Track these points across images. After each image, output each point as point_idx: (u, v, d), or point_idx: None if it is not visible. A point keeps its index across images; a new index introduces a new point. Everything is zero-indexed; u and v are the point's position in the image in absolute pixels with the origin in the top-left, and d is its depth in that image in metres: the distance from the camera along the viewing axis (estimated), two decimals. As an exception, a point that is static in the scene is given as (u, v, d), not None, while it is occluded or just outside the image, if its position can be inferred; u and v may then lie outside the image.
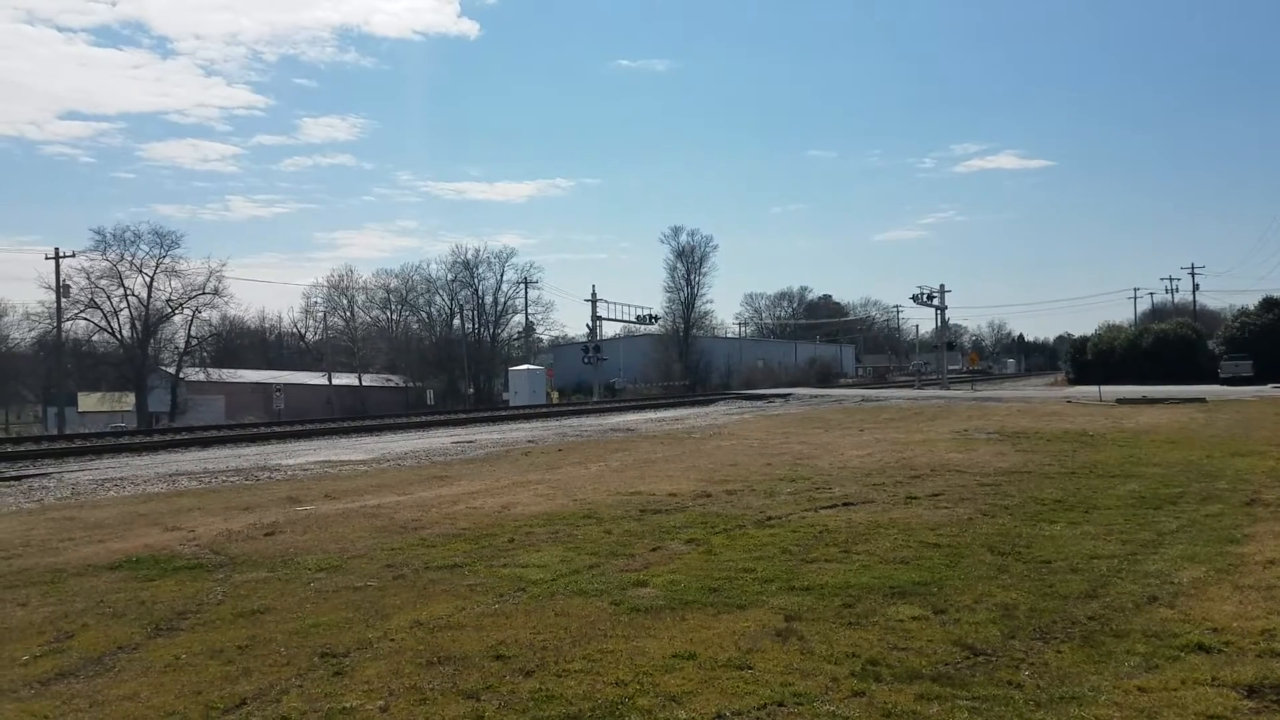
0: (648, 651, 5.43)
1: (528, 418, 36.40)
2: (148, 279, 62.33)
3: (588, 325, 69.40)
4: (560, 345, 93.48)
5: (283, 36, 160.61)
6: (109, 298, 61.67)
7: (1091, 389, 43.32)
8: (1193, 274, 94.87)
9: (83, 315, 61.13)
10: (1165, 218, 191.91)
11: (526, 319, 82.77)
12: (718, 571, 7.44)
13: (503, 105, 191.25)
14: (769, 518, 10.05)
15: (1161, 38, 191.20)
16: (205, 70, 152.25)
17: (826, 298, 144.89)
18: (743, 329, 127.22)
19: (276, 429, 31.96)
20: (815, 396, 48.80)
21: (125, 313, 62.52)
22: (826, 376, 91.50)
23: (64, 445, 25.32)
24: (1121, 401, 33.73)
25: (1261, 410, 27.61)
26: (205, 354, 70.46)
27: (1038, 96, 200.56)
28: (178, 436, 28.87)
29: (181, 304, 64.41)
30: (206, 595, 7.17)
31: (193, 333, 67.15)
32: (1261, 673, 4.83)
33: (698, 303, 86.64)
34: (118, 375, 63.97)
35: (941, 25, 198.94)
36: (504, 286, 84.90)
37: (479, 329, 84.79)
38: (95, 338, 63.54)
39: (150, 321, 62.84)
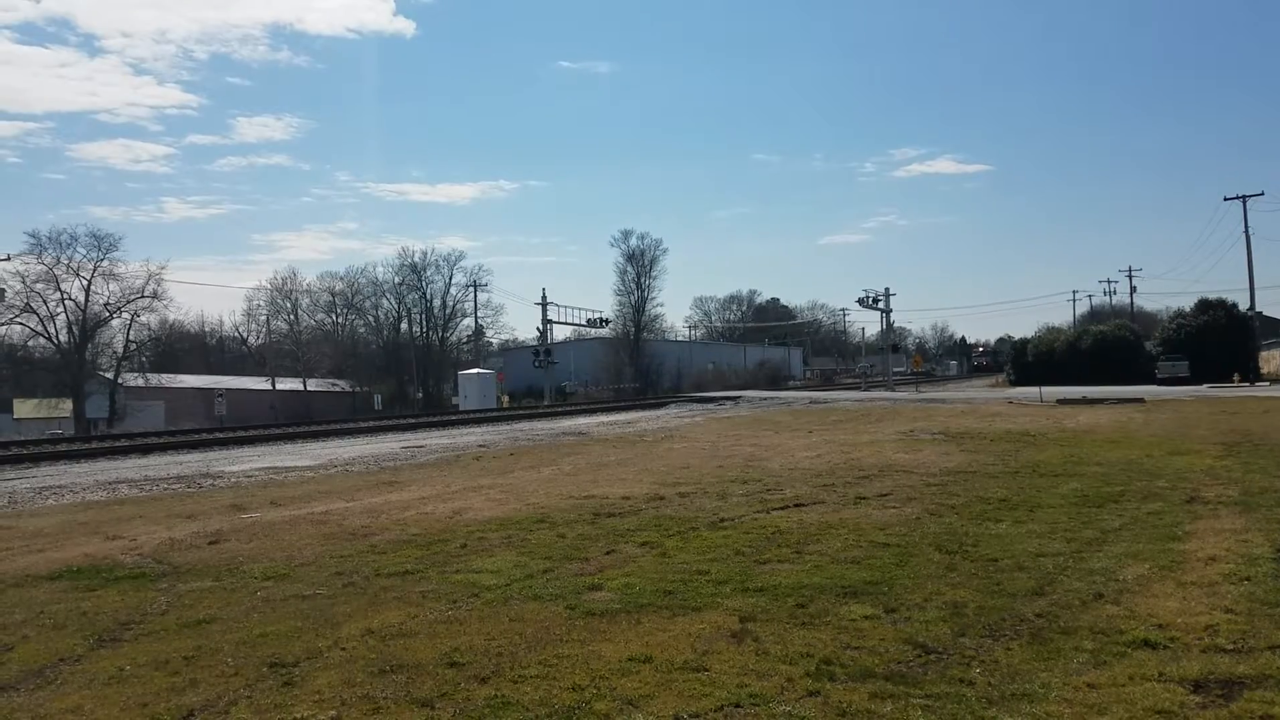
0: (604, 655, 5.41)
1: (478, 422, 36.18)
2: (85, 282, 60.85)
3: (538, 328, 69.27)
4: (510, 349, 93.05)
5: (213, 34, 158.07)
6: (45, 302, 60.07)
7: (1032, 390, 44.18)
8: (1130, 276, 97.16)
9: (18, 320, 59.47)
10: (1102, 221, 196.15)
11: (476, 322, 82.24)
12: (672, 574, 7.45)
13: (441, 105, 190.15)
14: (722, 519, 10.08)
15: (1097, 41, 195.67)
16: (134, 69, 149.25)
17: (775, 301, 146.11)
18: (693, 332, 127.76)
19: (219, 435, 31.40)
20: (765, 399, 49.12)
21: (62, 317, 61.00)
22: (775, 379, 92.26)
23: (0, 453, 24.67)
24: (1062, 402, 34.39)
25: (1198, 410, 28.32)
26: (144, 359, 68.91)
27: (974, 101, 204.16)
28: (117, 443, 28.25)
29: (120, 308, 62.91)
30: (150, 605, 7.00)
31: (131, 337, 65.62)
32: (1206, 668, 4.94)
33: (648, 306, 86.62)
34: (54, 381, 62.29)
35: (878, 31, 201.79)
36: (452, 290, 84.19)
37: (427, 332, 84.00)
38: (31, 343, 61.92)
39: (88, 326, 61.31)
